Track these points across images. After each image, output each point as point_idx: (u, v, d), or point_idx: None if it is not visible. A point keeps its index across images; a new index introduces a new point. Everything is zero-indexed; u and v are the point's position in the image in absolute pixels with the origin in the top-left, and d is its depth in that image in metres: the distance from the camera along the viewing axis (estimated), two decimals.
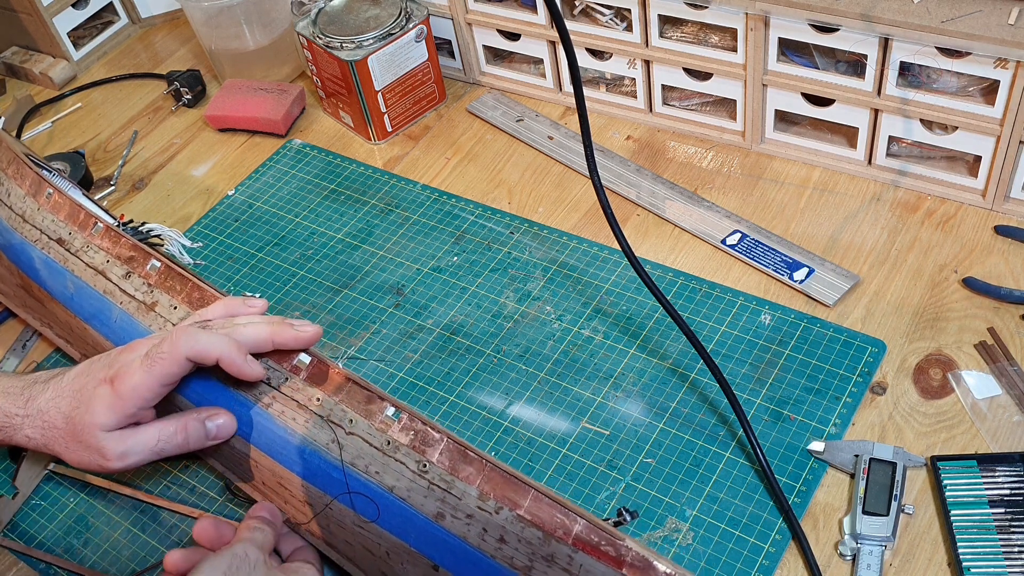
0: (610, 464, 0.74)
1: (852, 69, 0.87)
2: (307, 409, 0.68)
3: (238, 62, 1.15)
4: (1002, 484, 0.67)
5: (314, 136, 1.09)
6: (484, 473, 0.62)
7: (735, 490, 0.71)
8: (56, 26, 1.21)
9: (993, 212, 0.86)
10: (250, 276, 0.94)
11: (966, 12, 0.77)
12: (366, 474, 0.65)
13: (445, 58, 1.10)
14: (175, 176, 1.08)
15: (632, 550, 0.57)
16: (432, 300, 0.88)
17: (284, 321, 0.70)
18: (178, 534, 0.75)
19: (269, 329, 0.69)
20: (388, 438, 0.65)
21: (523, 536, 0.60)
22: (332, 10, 1.04)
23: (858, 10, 0.81)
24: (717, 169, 0.95)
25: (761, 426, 0.74)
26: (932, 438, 0.72)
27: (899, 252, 0.85)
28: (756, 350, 0.79)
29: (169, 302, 0.76)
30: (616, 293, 0.86)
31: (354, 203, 1.00)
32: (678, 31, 0.94)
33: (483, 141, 1.04)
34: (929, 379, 0.75)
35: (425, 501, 0.63)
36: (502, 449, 0.76)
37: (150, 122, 1.16)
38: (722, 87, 0.94)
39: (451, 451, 0.64)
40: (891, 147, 0.90)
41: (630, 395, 0.78)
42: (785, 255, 0.85)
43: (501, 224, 0.94)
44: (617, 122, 1.03)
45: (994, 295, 0.79)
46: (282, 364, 0.70)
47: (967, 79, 0.82)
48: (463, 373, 0.82)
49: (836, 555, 0.67)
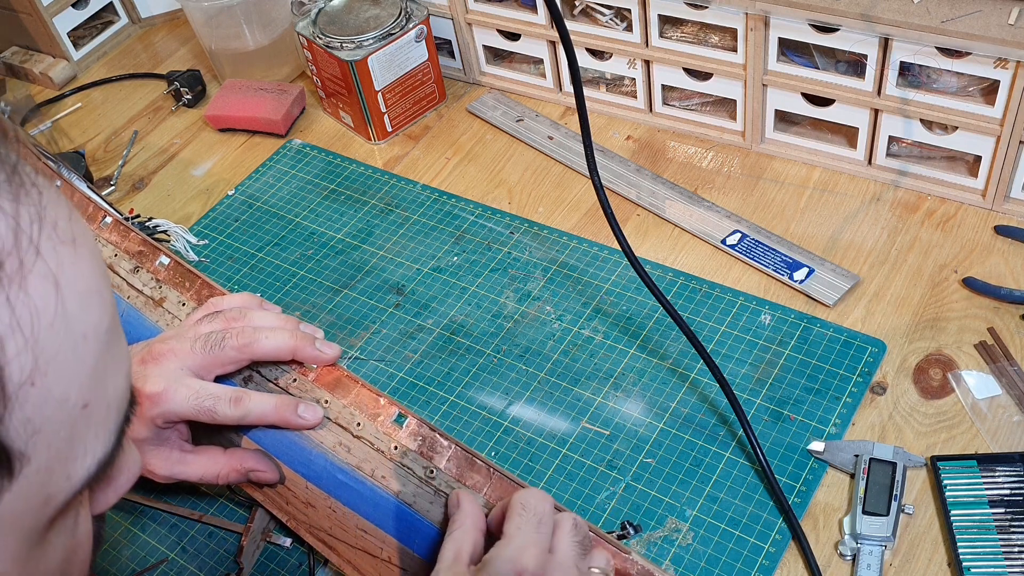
0: (610, 464, 0.74)
1: (852, 69, 0.87)
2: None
3: (238, 62, 1.15)
4: (1002, 484, 0.67)
5: (314, 136, 1.09)
6: (491, 481, 0.62)
7: (735, 490, 0.71)
8: (56, 26, 1.21)
9: (993, 212, 0.86)
10: (250, 276, 0.94)
11: (966, 12, 0.77)
12: (372, 478, 0.65)
13: (445, 58, 1.10)
14: (175, 176, 1.08)
15: (637, 563, 0.58)
16: (432, 300, 0.88)
17: (307, 335, 0.69)
18: (178, 534, 0.75)
19: (292, 344, 0.68)
20: (396, 443, 0.65)
21: None
22: (332, 10, 1.04)
23: (858, 10, 0.81)
24: (717, 169, 0.95)
25: (761, 426, 0.74)
26: (932, 438, 0.72)
27: (899, 252, 0.85)
28: (756, 350, 0.79)
29: (178, 298, 0.76)
30: (616, 293, 0.86)
31: (354, 203, 1.00)
32: (678, 31, 0.94)
33: (483, 141, 1.04)
34: (929, 379, 0.75)
35: (431, 507, 0.63)
36: (502, 449, 0.76)
37: (150, 122, 1.16)
38: (722, 87, 0.94)
39: (458, 458, 0.64)
40: (891, 147, 0.90)
41: (630, 395, 0.78)
42: (785, 255, 0.85)
43: (501, 224, 0.94)
44: (617, 122, 1.03)
45: (994, 295, 0.79)
46: (291, 365, 0.70)
47: (967, 79, 0.82)
48: (463, 373, 0.82)
49: (836, 555, 0.67)
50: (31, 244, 0.31)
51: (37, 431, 0.31)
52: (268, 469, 0.68)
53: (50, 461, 0.32)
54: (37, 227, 0.31)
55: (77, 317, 0.32)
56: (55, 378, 0.32)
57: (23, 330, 0.30)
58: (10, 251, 0.30)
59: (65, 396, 0.32)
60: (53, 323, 0.32)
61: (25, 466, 0.31)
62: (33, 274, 0.31)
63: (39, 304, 0.31)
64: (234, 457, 0.68)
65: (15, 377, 0.30)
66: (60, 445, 0.33)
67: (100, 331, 0.34)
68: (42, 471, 0.32)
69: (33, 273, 0.31)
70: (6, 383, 0.30)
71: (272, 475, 0.68)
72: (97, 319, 0.34)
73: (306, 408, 0.67)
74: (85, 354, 0.33)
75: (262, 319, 0.70)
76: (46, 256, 0.31)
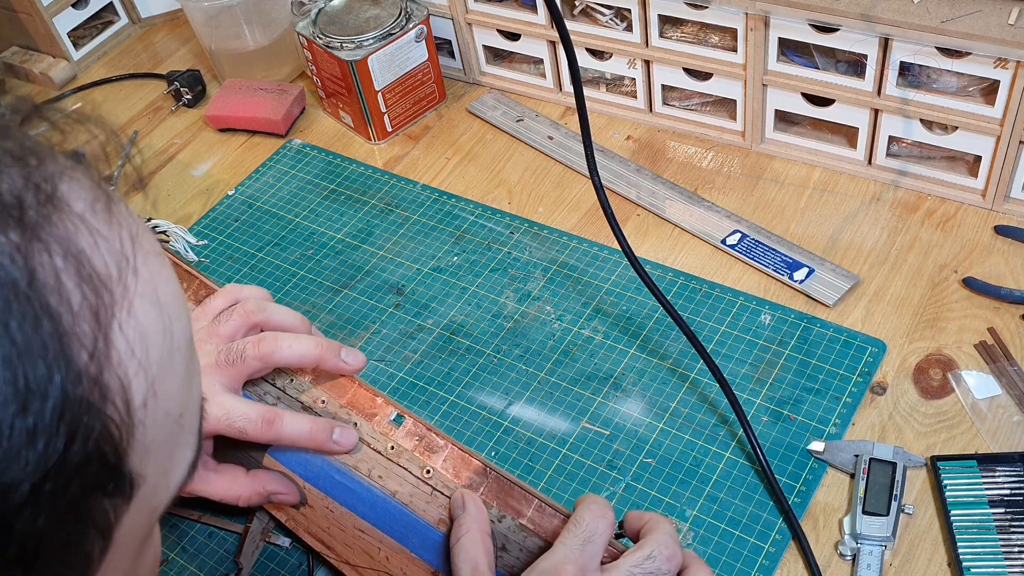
0: (610, 464, 0.74)
1: (852, 69, 0.87)
2: (312, 411, 0.68)
3: (238, 62, 1.15)
4: (1002, 484, 0.67)
5: (314, 136, 1.09)
6: (487, 480, 0.62)
7: (735, 490, 0.71)
8: (56, 26, 1.21)
9: (993, 212, 0.86)
10: (250, 276, 0.94)
11: (966, 12, 0.77)
12: (369, 478, 0.65)
13: (445, 58, 1.10)
14: (175, 176, 1.08)
15: None
16: (432, 300, 0.88)
17: (332, 345, 0.68)
18: (178, 534, 0.75)
19: (317, 353, 0.67)
20: (392, 443, 0.65)
21: (525, 545, 0.60)
22: (332, 10, 1.04)
23: (858, 10, 0.81)
24: (717, 169, 0.95)
25: (761, 426, 0.74)
26: (932, 438, 0.72)
27: (899, 252, 0.85)
28: (756, 350, 0.79)
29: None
30: (616, 293, 0.86)
31: (354, 203, 1.00)
32: (678, 31, 0.94)
33: (483, 141, 1.04)
34: (929, 379, 0.75)
35: (427, 507, 0.63)
36: (502, 449, 0.76)
37: (150, 122, 1.16)
38: (722, 87, 0.94)
39: (455, 458, 0.64)
40: (891, 147, 0.90)
41: (630, 395, 0.78)
42: (785, 255, 0.85)
43: (501, 224, 0.94)
44: (617, 122, 1.03)
45: (994, 295, 0.79)
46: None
47: (967, 79, 0.82)
48: (463, 373, 0.82)
49: (836, 555, 0.67)
50: (129, 265, 0.30)
51: (148, 451, 0.31)
52: (289, 492, 0.67)
53: (157, 476, 0.32)
54: (131, 246, 0.31)
55: (174, 327, 0.32)
56: (162, 394, 0.31)
57: (137, 354, 0.30)
58: (116, 277, 0.30)
59: (168, 411, 0.32)
60: (160, 340, 0.31)
61: (140, 488, 0.31)
62: (137, 295, 0.30)
63: (145, 325, 0.30)
64: (256, 480, 0.67)
65: (135, 402, 0.30)
66: (164, 460, 0.33)
67: (188, 339, 0.34)
68: (151, 488, 0.32)
69: (137, 294, 0.30)
70: (130, 411, 0.29)
71: (293, 497, 0.67)
72: (185, 327, 0.34)
73: (342, 433, 0.65)
74: (179, 365, 0.33)
75: (280, 314, 0.69)
76: (142, 273, 0.31)
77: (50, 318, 0.27)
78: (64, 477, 0.27)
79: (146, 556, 0.36)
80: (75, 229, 0.29)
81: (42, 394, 0.27)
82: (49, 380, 0.27)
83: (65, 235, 0.29)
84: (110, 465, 0.29)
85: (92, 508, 0.29)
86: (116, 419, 0.29)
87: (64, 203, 0.29)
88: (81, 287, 0.28)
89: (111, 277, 0.29)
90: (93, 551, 0.30)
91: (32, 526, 0.27)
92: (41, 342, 0.27)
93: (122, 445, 0.29)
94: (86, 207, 0.30)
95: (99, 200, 0.31)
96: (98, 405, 0.28)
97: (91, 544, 0.30)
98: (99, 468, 0.29)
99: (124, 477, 0.30)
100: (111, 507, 0.30)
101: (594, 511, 0.58)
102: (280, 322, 0.69)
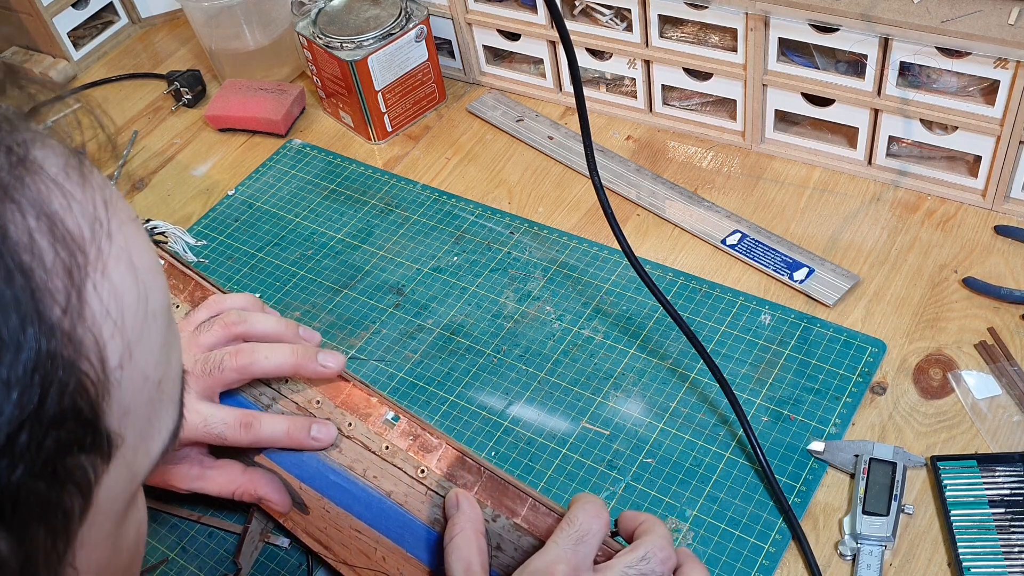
0: (610, 464, 0.74)
1: (852, 69, 0.87)
2: (307, 411, 0.68)
3: (238, 62, 1.15)
4: (1002, 484, 0.67)
5: (314, 136, 1.09)
6: (482, 480, 0.62)
7: (735, 490, 0.71)
8: (56, 26, 1.21)
9: (993, 212, 0.86)
10: (250, 276, 0.94)
11: (966, 12, 0.77)
12: (364, 479, 0.65)
13: (445, 58, 1.10)
14: (175, 176, 1.08)
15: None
16: (432, 300, 0.88)
17: (308, 351, 0.68)
18: (178, 534, 0.75)
19: (293, 362, 0.68)
20: (387, 443, 0.65)
21: (519, 544, 0.60)
22: (332, 10, 1.04)
23: (858, 10, 0.81)
24: (717, 169, 0.95)
25: (761, 426, 0.74)
26: (932, 438, 0.72)
27: (899, 252, 0.85)
28: (756, 350, 0.79)
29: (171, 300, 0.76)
30: (616, 293, 0.86)
31: (354, 203, 1.00)
32: (678, 31, 0.94)
33: (483, 141, 1.04)
34: (929, 379, 0.75)
35: (422, 507, 0.63)
36: (502, 449, 0.76)
37: (150, 122, 1.16)
38: (722, 87, 0.94)
39: (449, 457, 0.64)
40: (891, 147, 0.90)
41: (630, 395, 0.78)
42: (785, 255, 0.85)
43: (501, 224, 0.94)
44: (617, 122, 1.03)
45: (994, 295, 0.79)
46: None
47: (967, 79, 0.82)
48: (463, 373, 0.82)
49: (836, 555, 0.67)
50: (103, 228, 0.31)
51: (127, 412, 0.32)
52: (280, 502, 0.68)
53: (136, 440, 0.33)
54: (105, 210, 0.31)
55: (149, 294, 0.33)
56: (139, 358, 0.32)
57: (112, 315, 0.30)
58: (90, 239, 0.30)
59: (147, 375, 0.33)
60: (135, 304, 0.32)
61: (119, 448, 0.32)
62: (111, 258, 0.31)
63: (120, 287, 0.31)
64: (250, 481, 0.68)
65: (111, 362, 0.30)
66: (143, 423, 0.33)
67: (165, 306, 0.34)
68: (130, 450, 0.33)
69: (111, 257, 0.31)
70: (106, 370, 0.30)
71: (283, 507, 0.68)
72: (163, 293, 0.34)
73: (319, 428, 0.66)
74: (157, 331, 0.33)
75: (263, 324, 0.70)
76: (116, 238, 0.31)
77: (23, 273, 0.28)
78: (40, 429, 0.28)
79: (128, 525, 0.36)
80: (48, 191, 0.30)
81: (15, 346, 0.27)
82: (22, 331, 0.28)
83: (38, 197, 0.29)
84: (86, 420, 0.30)
85: (70, 464, 0.30)
86: (92, 375, 0.30)
87: (37, 166, 0.30)
88: (55, 246, 0.29)
89: (84, 239, 0.30)
90: (73, 509, 0.30)
91: (8, 478, 0.27)
92: (13, 295, 0.28)
93: (98, 402, 0.30)
94: (59, 171, 0.31)
95: (72, 166, 0.31)
96: (72, 359, 0.29)
97: (71, 501, 0.30)
98: (75, 423, 0.29)
99: (101, 434, 0.30)
100: (90, 464, 0.31)
101: (588, 511, 0.58)
102: (263, 332, 0.70)
